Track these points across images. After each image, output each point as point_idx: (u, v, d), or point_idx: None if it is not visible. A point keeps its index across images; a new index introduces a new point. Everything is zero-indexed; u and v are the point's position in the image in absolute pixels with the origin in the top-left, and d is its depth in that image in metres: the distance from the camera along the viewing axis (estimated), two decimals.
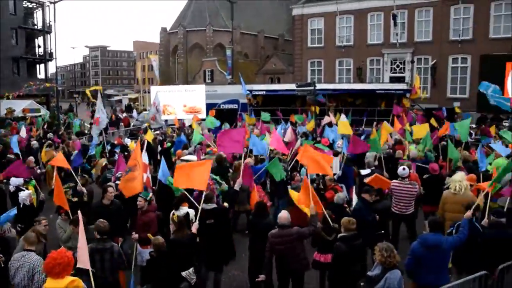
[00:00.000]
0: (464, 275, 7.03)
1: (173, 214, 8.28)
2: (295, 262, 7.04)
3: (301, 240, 7.12)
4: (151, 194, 8.90)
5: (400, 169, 9.80)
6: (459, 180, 8.70)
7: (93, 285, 5.37)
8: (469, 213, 7.20)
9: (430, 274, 6.37)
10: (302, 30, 41.47)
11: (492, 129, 16.57)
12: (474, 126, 20.60)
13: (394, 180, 9.78)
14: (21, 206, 9.18)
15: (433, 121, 18.22)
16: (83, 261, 5.27)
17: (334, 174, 11.25)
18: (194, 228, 7.20)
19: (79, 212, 5.90)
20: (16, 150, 15.06)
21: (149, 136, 16.96)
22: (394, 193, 9.61)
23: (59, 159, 10.46)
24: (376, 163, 12.19)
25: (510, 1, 31.00)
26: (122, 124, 30.64)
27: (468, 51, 32.95)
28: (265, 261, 7.14)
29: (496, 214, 7.36)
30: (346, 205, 9.03)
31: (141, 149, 9.84)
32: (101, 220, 6.77)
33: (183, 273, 6.78)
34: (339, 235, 6.97)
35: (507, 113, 20.31)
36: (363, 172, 11.62)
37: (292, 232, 6.98)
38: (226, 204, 8.68)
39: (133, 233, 8.16)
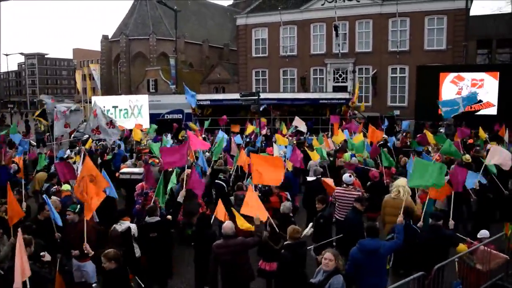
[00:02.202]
0: (401, 276, 7.30)
1: (114, 228, 7.98)
2: (241, 272, 7.02)
3: (245, 250, 7.10)
4: (79, 206, 8.34)
5: (346, 176, 9.90)
6: (403, 185, 8.93)
7: None
8: (400, 218, 7.45)
9: (370, 278, 6.49)
10: (246, 40, 41.70)
11: (430, 137, 17.23)
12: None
13: (338, 187, 9.86)
14: None
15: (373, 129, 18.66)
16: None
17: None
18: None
19: (19, 229, 5.75)
20: None
21: (88, 144, 16.42)
22: (338, 199, 9.63)
23: None
24: (321, 170, 12.29)
25: (441, 16, 32.79)
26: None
27: (406, 61, 34.34)
28: (209, 272, 7.10)
29: (433, 217, 7.74)
30: (292, 214, 8.97)
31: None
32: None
33: None
34: (285, 243, 7.02)
35: (442, 121, 21.24)
36: (309, 178, 11.69)
37: (237, 242, 6.97)
38: (169, 217, 8.47)
39: (72, 250, 7.71)
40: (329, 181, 10.37)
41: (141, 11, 58.79)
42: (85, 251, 6.97)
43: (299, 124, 20.44)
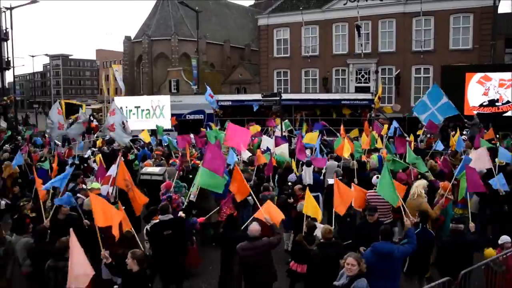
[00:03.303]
0: (415, 280, 7.12)
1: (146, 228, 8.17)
2: (265, 273, 7.04)
3: (270, 250, 7.16)
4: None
5: (374, 179, 9.73)
6: (416, 186, 9.04)
7: None
8: (408, 221, 7.31)
9: (383, 281, 6.39)
10: (268, 40, 41.61)
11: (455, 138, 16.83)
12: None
13: (369, 191, 9.66)
14: None
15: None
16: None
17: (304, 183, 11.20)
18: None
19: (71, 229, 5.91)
20: None
21: (98, 142, 16.55)
22: (371, 202, 9.40)
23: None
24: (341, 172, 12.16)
25: (467, 15, 32.07)
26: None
27: (430, 61, 33.77)
28: (234, 274, 7.16)
29: (455, 221, 7.60)
30: None
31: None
32: (60, 239, 6.61)
33: None
34: (316, 243, 7.17)
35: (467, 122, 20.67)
36: (331, 181, 11.50)
37: (263, 243, 6.99)
38: (182, 214, 8.40)
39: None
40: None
41: (163, 12, 59.14)
42: (102, 257, 6.72)
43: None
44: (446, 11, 32.82)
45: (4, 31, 41.30)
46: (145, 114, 26.18)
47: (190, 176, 12.23)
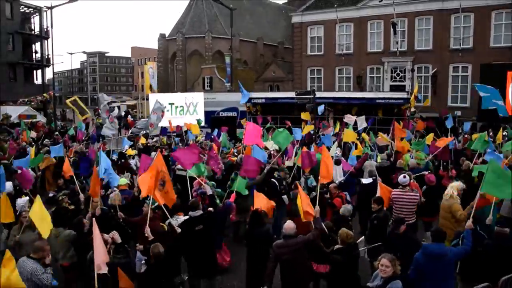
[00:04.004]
0: (470, 285, 6.92)
1: (169, 222, 8.14)
2: (302, 271, 7.00)
3: (306, 248, 7.10)
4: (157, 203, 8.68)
5: (400, 177, 9.62)
6: (450, 186, 8.90)
7: None
8: (469, 222, 7.07)
9: (434, 285, 6.22)
10: (301, 37, 41.37)
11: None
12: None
13: (395, 189, 9.56)
14: (18, 213, 8.91)
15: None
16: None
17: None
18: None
19: (93, 220, 6.04)
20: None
21: (142, 140, 16.80)
22: (395, 202, 9.39)
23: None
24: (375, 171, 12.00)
25: (510, 11, 30.95)
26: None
27: (469, 59, 32.82)
28: (267, 271, 7.05)
29: (499, 224, 7.30)
30: (349, 218, 8.93)
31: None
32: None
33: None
34: (335, 247, 7.03)
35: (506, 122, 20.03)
36: (365, 181, 11.39)
37: (298, 241, 6.97)
38: (211, 209, 8.52)
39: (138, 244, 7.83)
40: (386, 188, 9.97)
41: (197, 10, 59.64)
42: (146, 234, 7.11)
43: (351, 121, 19.95)
44: (487, 7, 31.71)
45: (45, 29, 42.54)
46: (179, 110, 26.52)
47: (224, 173, 12.34)
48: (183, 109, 26.73)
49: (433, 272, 6.20)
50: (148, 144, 18.55)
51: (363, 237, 8.19)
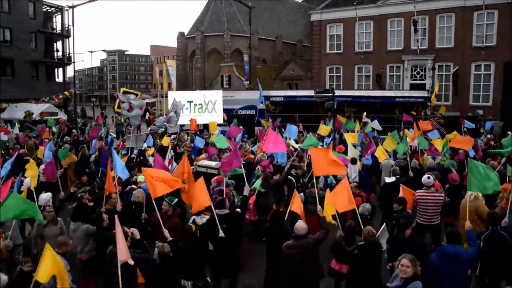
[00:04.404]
0: (486, 286, 6.82)
1: (193, 220, 8.20)
2: (310, 270, 6.94)
3: (317, 247, 7.08)
4: (176, 200, 8.82)
5: (424, 178, 9.52)
6: None
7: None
8: (467, 223, 7.15)
9: (448, 286, 6.19)
10: (320, 35, 41.15)
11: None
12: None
13: (418, 190, 9.42)
14: (41, 209, 9.00)
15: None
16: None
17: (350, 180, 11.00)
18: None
19: (116, 217, 6.02)
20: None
21: (165, 141, 16.82)
22: (419, 203, 9.26)
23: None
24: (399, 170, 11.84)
25: None
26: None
27: (492, 58, 32.28)
28: (282, 271, 7.09)
29: None
30: (369, 216, 8.97)
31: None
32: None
33: (182, 282, 6.75)
34: (358, 243, 7.03)
35: None
36: (388, 180, 11.26)
37: (309, 241, 6.94)
38: (238, 210, 8.51)
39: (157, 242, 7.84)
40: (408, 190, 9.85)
41: (216, 8, 59.77)
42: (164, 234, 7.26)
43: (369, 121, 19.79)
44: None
45: (66, 28, 43.18)
46: (198, 108, 26.52)
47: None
48: (202, 107, 26.75)
49: (447, 273, 6.18)
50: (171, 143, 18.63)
51: (384, 225, 8.03)
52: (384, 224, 8.20)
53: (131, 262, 5.71)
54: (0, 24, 36.41)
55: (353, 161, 12.40)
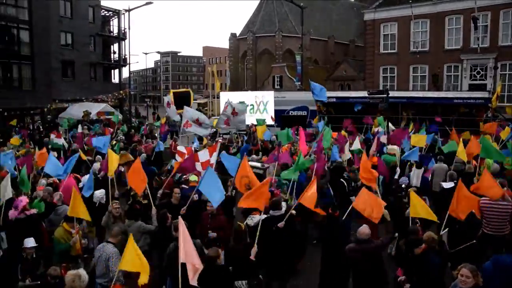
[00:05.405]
0: None
1: (246, 223, 8.29)
2: (374, 277, 6.84)
3: (379, 253, 6.98)
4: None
5: None
6: None
7: None
8: None
9: None
10: (374, 35, 40.24)
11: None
12: None
13: (483, 198, 8.82)
14: (97, 204, 9.49)
15: None
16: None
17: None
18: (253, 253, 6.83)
19: (180, 218, 6.07)
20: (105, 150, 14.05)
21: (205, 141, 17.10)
22: (484, 212, 8.67)
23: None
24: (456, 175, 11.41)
25: None
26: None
27: None
28: (340, 275, 7.16)
29: None
30: (418, 221, 8.41)
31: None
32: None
33: (236, 283, 6.67)
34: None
35: None
36: (446, 185, 10.75)
37: (371, 246, 6.84)
38: (293, 212, 8.36)
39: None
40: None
41: (267, 9, 59.85)
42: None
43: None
44: None
45: (123, 31, 44.65)
46: (249, 109, 26.56)
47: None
48: (253, 108, 26.81)
49: (503, 283, 5.88)
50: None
51: (447, 230, 7.68)
52: (447, 229, 7.86)
53: (199, 266, 5.59)
54: (63, 28, 38.28)
55: (419, 166, 11.95)
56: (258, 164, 12.71)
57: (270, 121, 24.73)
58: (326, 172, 11.91)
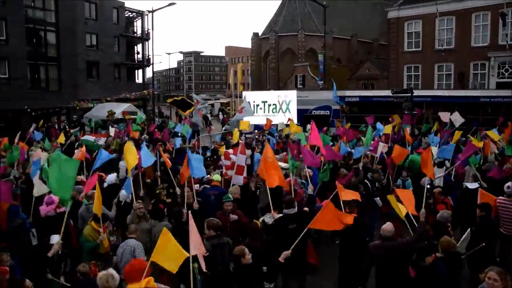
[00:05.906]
0: None
1: (262, 220, 8.30)
2: (396, 275, 6.75)
3: (403, 251, 6.84)
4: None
5: (506, 186, 8.79)
6: None
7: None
8: None
9: None
10: (398, 33, 39.67)
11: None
12: None
13: (499, 197, 8.77)
14: (122, 204, 9.63)
15: None
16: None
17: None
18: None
19: (189, 212, 6.24)
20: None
21: (235, 137, 17.19)
22: (500, 211, 8.63)
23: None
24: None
25: None
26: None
27: None
28: (362, 272, 7.04)
29: None
30: (449, 224, 8.33)
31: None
32: (212, 218, 7.32)
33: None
34: (438, 255, 6.47)
35: None
36: (470, 186, 10.57)
37: (394, 244, 6.86)
38: (306, 209, 8.39)
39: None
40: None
41: (290, 8, 59.72)
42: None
43: (446, 118, 18.80)
44: None
45: (146, 32, 45.22)
46: (272, 108, 26.60)
47: None
48: (276, 107, 26.80)
49: None
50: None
51: (468, 230, 7.48)
52: (469, 230, 7.69)
53: (203, 253, 5.84)
54: (88, 30, 38.99)
55: (440, 165, 11.77)
56: (283, 165, 12.62)
57: (295, 121, 24.70)
58: (359, 171, 11.82)
